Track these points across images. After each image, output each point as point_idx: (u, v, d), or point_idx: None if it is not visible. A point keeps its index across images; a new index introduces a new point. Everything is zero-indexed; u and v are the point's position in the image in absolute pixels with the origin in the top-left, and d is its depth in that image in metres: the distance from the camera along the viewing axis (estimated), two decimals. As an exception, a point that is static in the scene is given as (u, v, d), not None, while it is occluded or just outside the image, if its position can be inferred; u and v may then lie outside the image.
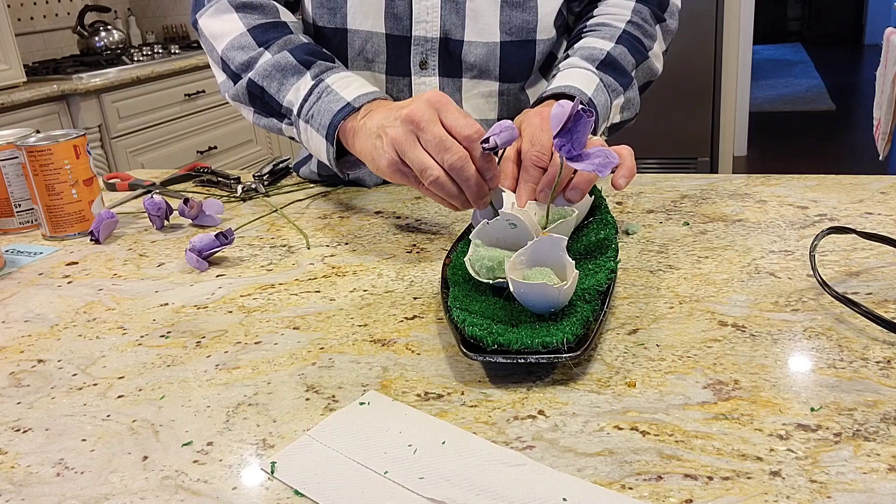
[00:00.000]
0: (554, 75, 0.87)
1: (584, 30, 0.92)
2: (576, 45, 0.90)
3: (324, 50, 0.87)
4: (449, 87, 0.92)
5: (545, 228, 0.63)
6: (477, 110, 0.93)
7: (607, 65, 0.87)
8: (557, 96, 0.81)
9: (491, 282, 0.57)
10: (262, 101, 0.86)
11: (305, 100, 0.81)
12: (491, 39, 0.89)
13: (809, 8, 7.84)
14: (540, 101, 0.83)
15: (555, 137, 0.57)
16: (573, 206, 0.65)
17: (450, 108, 0.66)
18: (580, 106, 0.57)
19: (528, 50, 0.91)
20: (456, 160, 0.63)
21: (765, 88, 5.67)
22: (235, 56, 0.87)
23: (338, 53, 0.90)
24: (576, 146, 0.57)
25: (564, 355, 0.49)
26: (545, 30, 0.91)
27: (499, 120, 0.77)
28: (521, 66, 0.92)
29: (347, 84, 0.81)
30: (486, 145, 0.61)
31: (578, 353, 0.49)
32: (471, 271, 0.58)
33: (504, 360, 0.49)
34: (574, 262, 0.54)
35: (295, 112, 0.83)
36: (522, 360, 0.49)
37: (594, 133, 0.80)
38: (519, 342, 0.49)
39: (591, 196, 0.69)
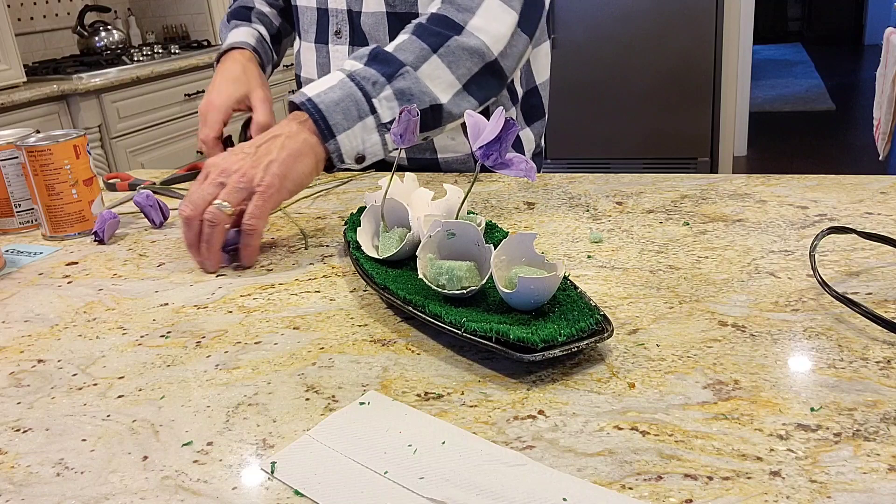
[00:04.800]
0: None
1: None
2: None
3: (251, 12, 1.16)
4: None
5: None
6: None
7: (373, 57, 0.83)
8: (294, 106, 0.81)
9: (465, 292, 0.56)
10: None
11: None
12: (378, 9, 0.97)
13: (809, 8, 7.84)
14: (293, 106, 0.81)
15: (479, 148, 0.57)
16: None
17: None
18: (504, 114, 0.57)
19: (411, 21, 0.91)
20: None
21: (765, 88, 5.67)
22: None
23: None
24: (502, 154, 0.58)
25: (605, 334, 0.51)
26: (427, 4, 0.94)
27: None
28: None
29: (228, 39, 1.12)
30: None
31: (612, 329, 0.52)
32: (432, 287, 0.58)
33: (560, 354, 0.49)
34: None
35: None
36: (575, 349, 0.50)
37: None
38: (562, 333, 0.50)
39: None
